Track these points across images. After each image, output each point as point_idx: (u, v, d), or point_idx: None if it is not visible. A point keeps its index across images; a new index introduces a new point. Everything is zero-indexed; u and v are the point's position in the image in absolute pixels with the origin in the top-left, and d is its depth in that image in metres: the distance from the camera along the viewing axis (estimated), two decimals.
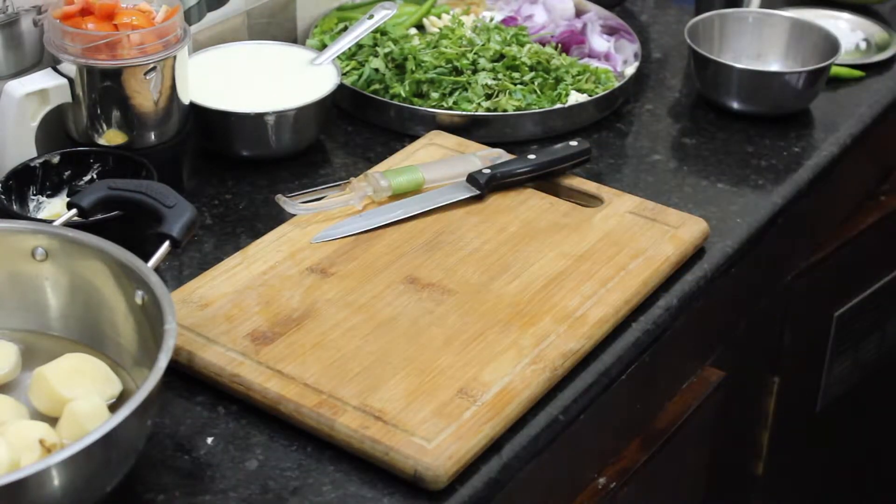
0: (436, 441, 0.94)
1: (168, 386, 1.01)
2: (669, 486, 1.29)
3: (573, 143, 1.31)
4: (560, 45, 1.57)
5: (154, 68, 1.21)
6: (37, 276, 1.01)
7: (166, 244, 0.98)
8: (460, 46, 1.49)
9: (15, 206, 1.16)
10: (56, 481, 0.80)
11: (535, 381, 1.01)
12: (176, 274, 1.17)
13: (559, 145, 1.31)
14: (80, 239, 0.99)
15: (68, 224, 1.02)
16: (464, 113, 1.41)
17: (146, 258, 0.95)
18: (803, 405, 1.76)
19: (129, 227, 1.08)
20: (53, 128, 1.24)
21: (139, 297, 0.93)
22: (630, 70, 1.54)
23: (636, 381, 1.13)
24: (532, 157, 1.28)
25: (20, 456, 0.86)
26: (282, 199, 1.23)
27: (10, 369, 0.97)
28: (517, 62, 1.47)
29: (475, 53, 1.47)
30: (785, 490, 1.80)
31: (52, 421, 0.91)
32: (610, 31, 1.63)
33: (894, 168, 1.79)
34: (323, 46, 1.50)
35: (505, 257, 1.16)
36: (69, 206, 1.03)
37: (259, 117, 1.32)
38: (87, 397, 0.91)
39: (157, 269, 0.95)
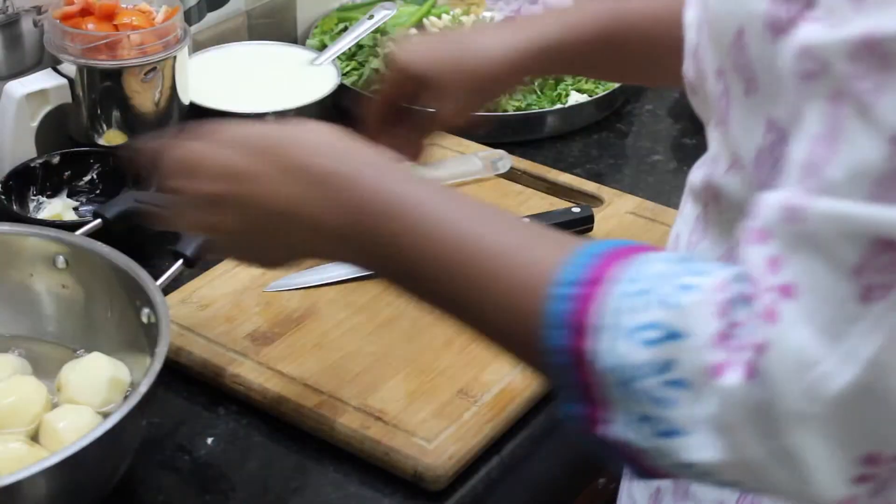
0: (436, 441, 0.94)
1: (168, 387, 1.01)
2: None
3: (575, 209, 1.21)
4: None
5: (154, 68, 1.21)
6: (53, 284, 1.01)
7: (179, 263, 0.98)
8: None
9: (15, 207, 1.16)
10: (45, 487, 0.80)
11: (535, 381, 1.01)
12: (176, 274, 1.16)
13: (560, 210, 1.21)
14: (99, 251, 0.98)
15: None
16: None
17: (149, 259, 0.94)
18: None
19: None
20: (53, 128, 1.24)
21: (145, 314, 0.93)
22: None
23: None
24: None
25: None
26: None
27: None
28: None
29: None
30: None
31: None
32: None
33: None
34: (323, 46, 1.50)
35: None
36: (95, 215, 1.03)
37: (259, 117, 1.32)
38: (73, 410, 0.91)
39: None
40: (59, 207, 1.20)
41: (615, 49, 0.96)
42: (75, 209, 1.21)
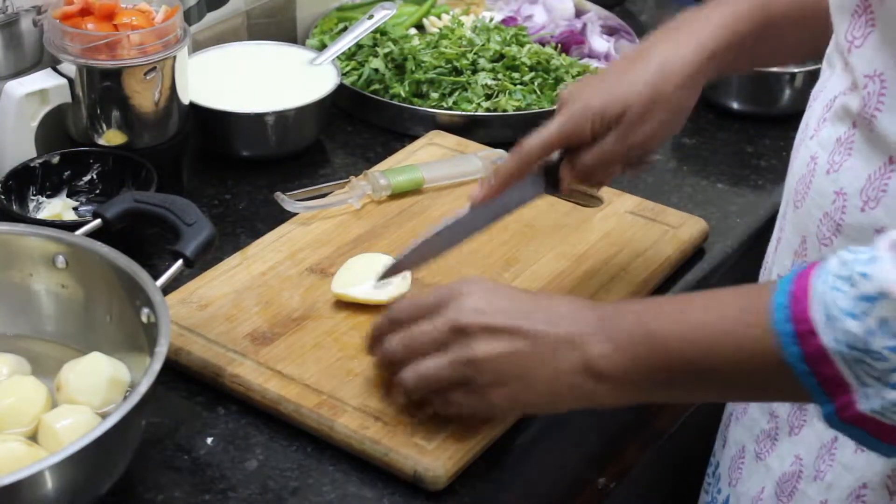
0: (435, 441, 0.94)
1: (168, 386, 1.01)
2: (669, 486, 1.29)
3: None
4: (560, 46, 1.57)
5: (154, 68, 1.21)
6: (53, 284, 1.01)
7: (179, 263, 0.98)
8: (460, 46, 1.49)
9: (15, 207, 1.16)
10: (44, 487, 0.80)
11: None
12: (176, 274, 1.16)
13: None
14: (99, 251, 0.97)
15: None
16: (464, 113, 1.41)
17: (149, 259, 0.93)
18: None
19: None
20: (53, 128, 1.24)
21: (145, 314, 0.93)
22: None
23: None
24: None
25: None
26: (280, 197, 1.23)
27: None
28: (517, 62, 1.48)
29: (475, 53, 1.47)
30: None
31: None
32: (610, 32, 1.63)
33: None
34: (323, 46, 1.50)
35: (505, 257, 1.16)
36: (94, 215, 1.03)
37: (259, 117, 1.32)
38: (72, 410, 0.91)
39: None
40: (58, 207, 1.20)
41: (769, 40, 1.03)
42: (75, 209, 1.21)
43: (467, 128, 1.39)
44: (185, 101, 1.28)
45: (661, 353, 0.81)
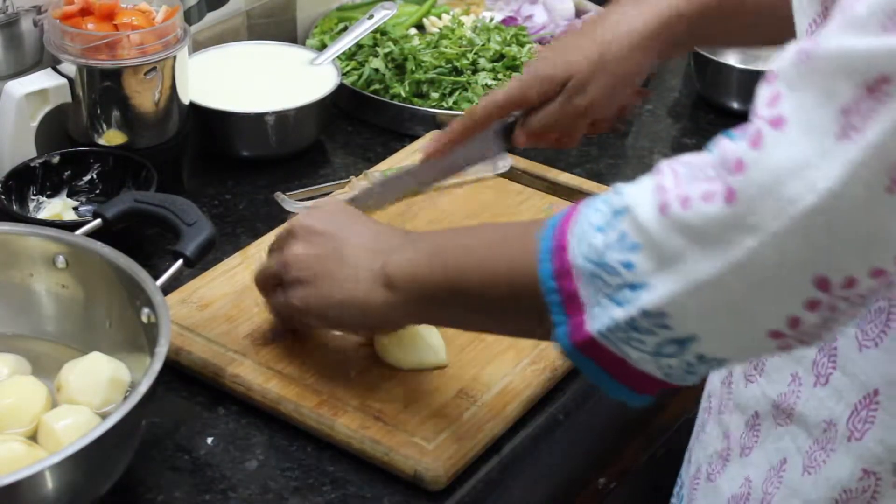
0: (435, 441, 0.94)
1: (168, 386, 1.01)
2: (670, 486, 1.29)
3: None
4: None
5: (154, 68, 1.21)
6: (53, 284, 1.01)
7: (179, 263, 0.98)
8: (460, 46, 1.49)
9: (15, 207, 1.16)
10: (44, 487, 0.80)
11: (535, 381, 1.01)
12: (176, 274, 1.16)
13: None
14: (99, 251, 0.97)
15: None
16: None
17: (149, 259, 0.93)
18: None
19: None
20: (53, 128, 1.24)
21: (145, 314, 0.93)
22: None
23: None
24: None
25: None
26: (280, 197, 1.23)
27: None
28: (517, 62, 1.48)
29: (475, 53, 1.47)
30: None
31: None
32: None
33: None
34: (323, 46, 1.50)
35: None
36: (94, 215, 1.03)
37: (259, 117, 1.32)
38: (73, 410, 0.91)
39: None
40: (59, 207, 1.20)
41: (729, 15, 1.04)
42: (75, 209, 1.21)
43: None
44: (185, 101, 1.28)
45: (441, 270, 0.85)
